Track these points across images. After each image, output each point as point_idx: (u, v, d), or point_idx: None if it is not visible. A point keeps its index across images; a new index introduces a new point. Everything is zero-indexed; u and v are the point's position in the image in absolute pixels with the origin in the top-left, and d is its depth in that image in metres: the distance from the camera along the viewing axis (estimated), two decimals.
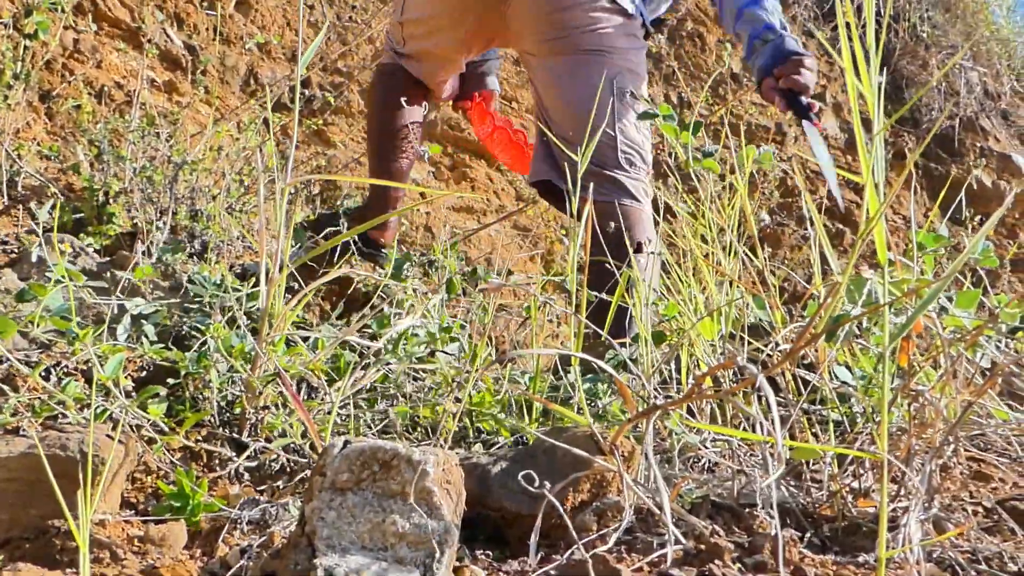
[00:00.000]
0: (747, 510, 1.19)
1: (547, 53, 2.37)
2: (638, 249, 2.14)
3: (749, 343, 1.43)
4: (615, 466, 1.05)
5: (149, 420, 1.33)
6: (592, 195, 1.79)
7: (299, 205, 3.11)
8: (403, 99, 2.60)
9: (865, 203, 0.94)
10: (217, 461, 1.37)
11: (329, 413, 1.33)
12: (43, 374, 1.41)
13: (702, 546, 1.05)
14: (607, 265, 1.61)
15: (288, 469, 1.37)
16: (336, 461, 0.96)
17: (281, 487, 1.33)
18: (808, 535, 1.16)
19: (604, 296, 1.58)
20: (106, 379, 1.29)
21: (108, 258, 2.22)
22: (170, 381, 1.45)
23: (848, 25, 0.95)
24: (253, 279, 1.62)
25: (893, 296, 1.11)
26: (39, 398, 1.33)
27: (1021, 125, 6.20)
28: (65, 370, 1.47)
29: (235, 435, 1.41)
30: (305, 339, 1.58)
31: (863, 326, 1.30)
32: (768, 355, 1.33)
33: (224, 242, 2.38)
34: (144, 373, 1.52)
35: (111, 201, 2.41)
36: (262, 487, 1.34)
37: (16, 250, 2.23)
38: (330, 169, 3.41)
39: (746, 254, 1.47)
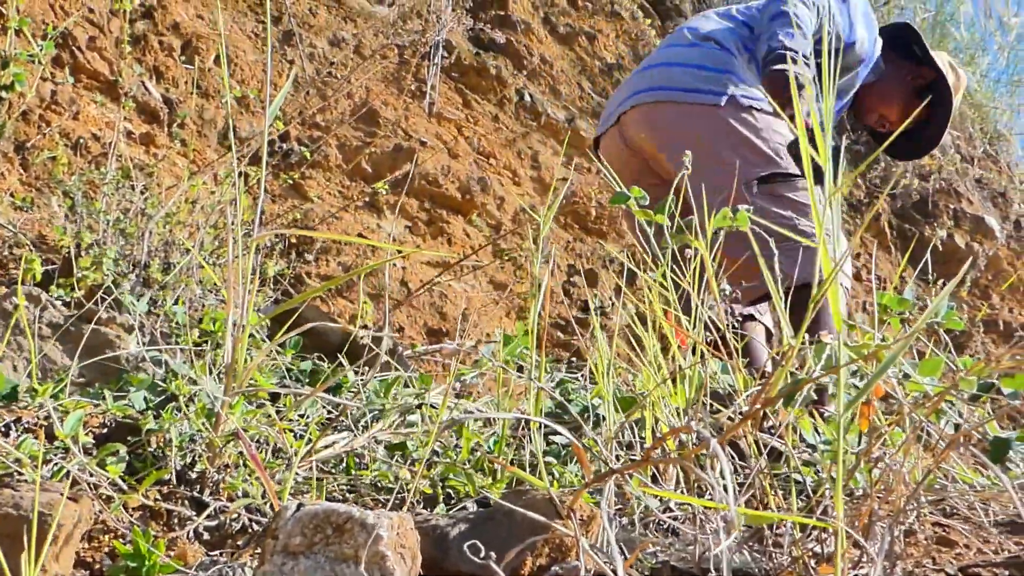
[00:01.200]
0: (707, 575, 1.18)
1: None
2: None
3: (715, 408, 1.43)
4: (572, 531, 1.05)
5: (108, 478, 1.32)
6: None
7: (274, 259, 3.11)
8: None
9: (818, 265, 0.95)
10: (177, 520, 1.35)
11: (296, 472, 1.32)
12: (2, 430, 1.39)
13: None
14: None
15: (249, 529, 1.35)
16: (289, 524, 0.95)
17: (241, 546, 1.31)
18: None
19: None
20: (64, 436, 1.28)
21: (77, 311, 2.20)
22: (131, 439, 1.43)
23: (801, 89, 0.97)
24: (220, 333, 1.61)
25: (851, 360, 1.11)
26: None
27: (994, 188, 6.29)
28: (26, 426, 1.45)
29: (196, 494, 1.39)
30: (276, 396, 1.57)
31: (828, 391, 1.30)
32: (730, 419, 1.33)
33: (195, 297, 2.37)
34: (106, 429, 1.50)
35: (83, 253, 2.40)
36: (223, 547, 1.32)
37: None
38: (306, 223, 3.42)
39: (710, 319, 1.48)
